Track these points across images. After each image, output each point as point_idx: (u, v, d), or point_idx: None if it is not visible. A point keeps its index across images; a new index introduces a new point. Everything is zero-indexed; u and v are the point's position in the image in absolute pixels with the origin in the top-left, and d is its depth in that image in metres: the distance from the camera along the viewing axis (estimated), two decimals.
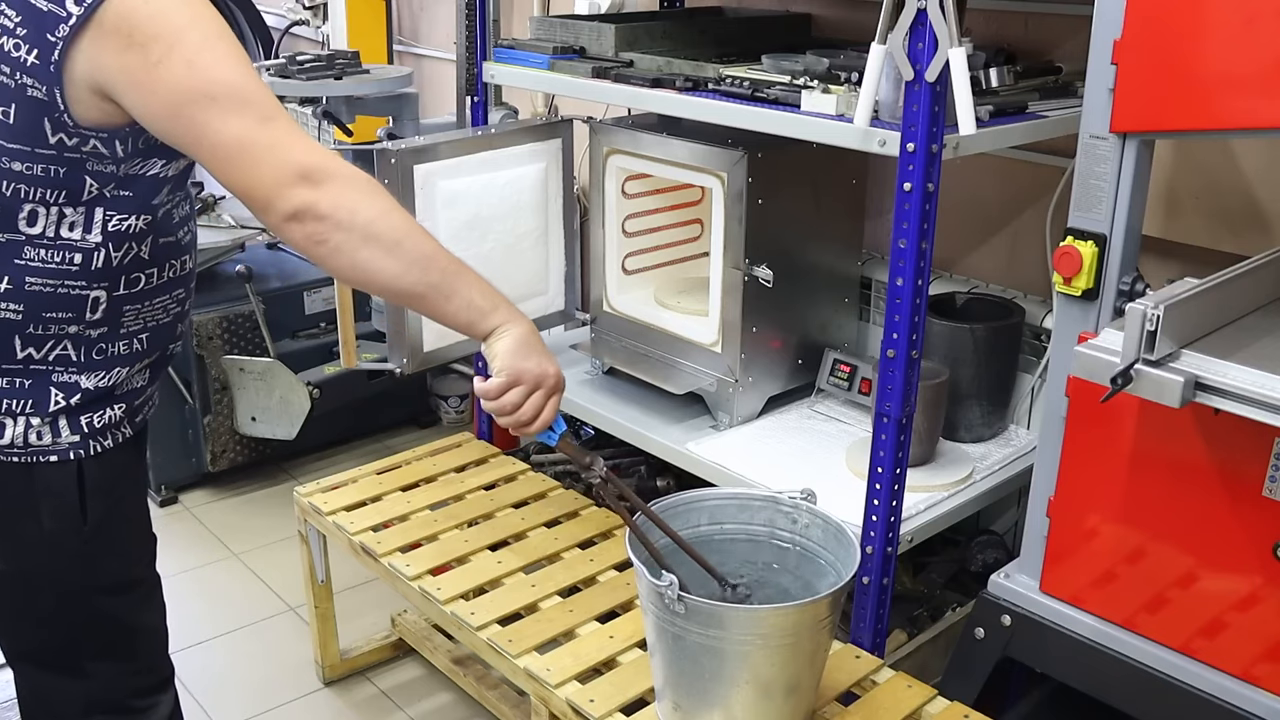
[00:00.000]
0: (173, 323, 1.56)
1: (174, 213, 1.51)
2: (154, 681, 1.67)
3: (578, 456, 1.64)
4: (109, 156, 1.36)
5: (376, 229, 1.36)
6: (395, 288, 1.41)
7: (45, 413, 1.43)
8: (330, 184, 1.33)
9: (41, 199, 1.36)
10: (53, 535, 1.48)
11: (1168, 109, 1.56)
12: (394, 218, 1.38)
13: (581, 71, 2.33)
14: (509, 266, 2.58)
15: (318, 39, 4.28)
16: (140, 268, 1.47)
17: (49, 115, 1.31)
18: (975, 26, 2.39)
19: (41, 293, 1.39)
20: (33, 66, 1.29)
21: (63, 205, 1.37)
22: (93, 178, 1.37)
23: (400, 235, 1.38)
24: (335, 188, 1.33)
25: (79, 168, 1.36)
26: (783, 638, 1.63)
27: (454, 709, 2.59)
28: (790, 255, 2.34)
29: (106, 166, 1.37)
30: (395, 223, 1.38)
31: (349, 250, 1.35)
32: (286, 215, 1.32)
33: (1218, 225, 2.10)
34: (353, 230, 1.34)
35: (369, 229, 1.35)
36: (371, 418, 3.78)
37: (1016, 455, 2.32)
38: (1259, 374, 1.40)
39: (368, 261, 1.37)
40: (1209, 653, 1.63)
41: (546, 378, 1.51)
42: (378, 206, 1.37)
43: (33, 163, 1.34)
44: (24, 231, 1.37)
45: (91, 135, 1.34)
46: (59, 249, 1.39)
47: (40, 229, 1.37)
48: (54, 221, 1.38)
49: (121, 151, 1.37)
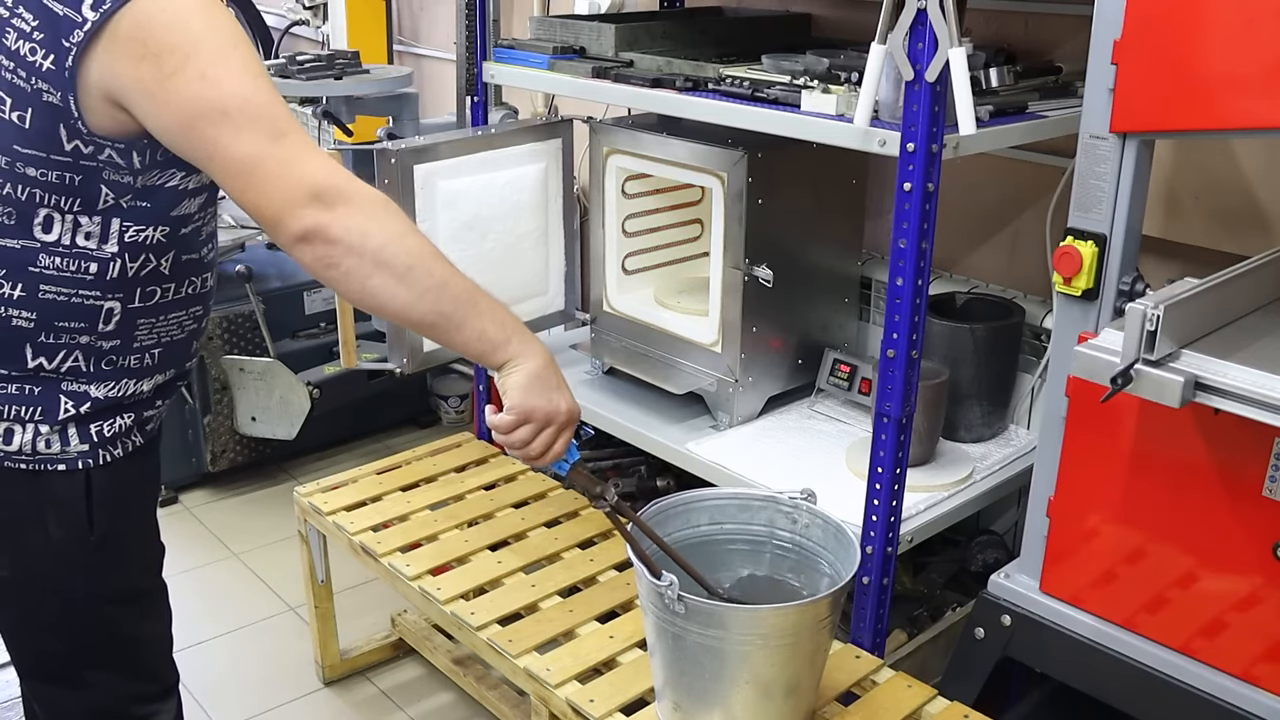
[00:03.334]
0: (187, 339, 1.54)
1: (202, 230, 1.50)
2: (156, 690, 1.65)
3: (589, 486, 1.61)
4: (125, 167, 1.34)
5: (388, 255, 1.32)
6: (406, 315, 1.38)
7: (54, 421, 1.42)
8: (343, 206, 1.29)
9: (57, 205, 1.35)
10: (59, 543, 1.47)
11: (1168, 109, 1.55)
12: (407, 242, 1.34)
13: (581, 71, 2.33)
14: (509, 266, 2.58)
15: (318, 39, 4.28)
16: (158, 281, 1.45)
17: (64, 122, 1.30)
18: (975, 26, 2.39)
19: (55, 301, 1.38)
20: (48, 72, 1.27)
21: (78, 213, 1.35)
22: (109, 187, 1.35)
23: (413, 261, 1.34)
24: (348, 210, 1.30)
25: (95, 176, 1.34)
26: (783, 638, 1.63)
27: (454, 709, 2.59)
28: (790, 255, 2.34)
29: (123, 177, 1.35)
30: (408, 248, 1.34)
31: (359, 276, 1.32)
32: (297, 236, 1.29)
33: (1218, 225, 2.10)
34: (364, 255, 1.31)
35: (380, 254, 1.31)
36: (371, 418, 3.78)
37: (1016, 455, 2.32)
38: (1259, 374, 1.40)
39: (379, 288, 1.33)
40: (1209, 653, 1.63)
41: (558, 415, 1.47)
42: (391, 231, 1.33)
43: (48, 169, 1.32)
44: (39, 239, 1.35)
45: (107, 144, 1.32)
46: (74, 258, 1.37)
47: (56, 236, 1.36)
48: (69, 229, 1.36)
49: (138, 163, 1.35)
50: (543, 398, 1.45)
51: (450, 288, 1.38)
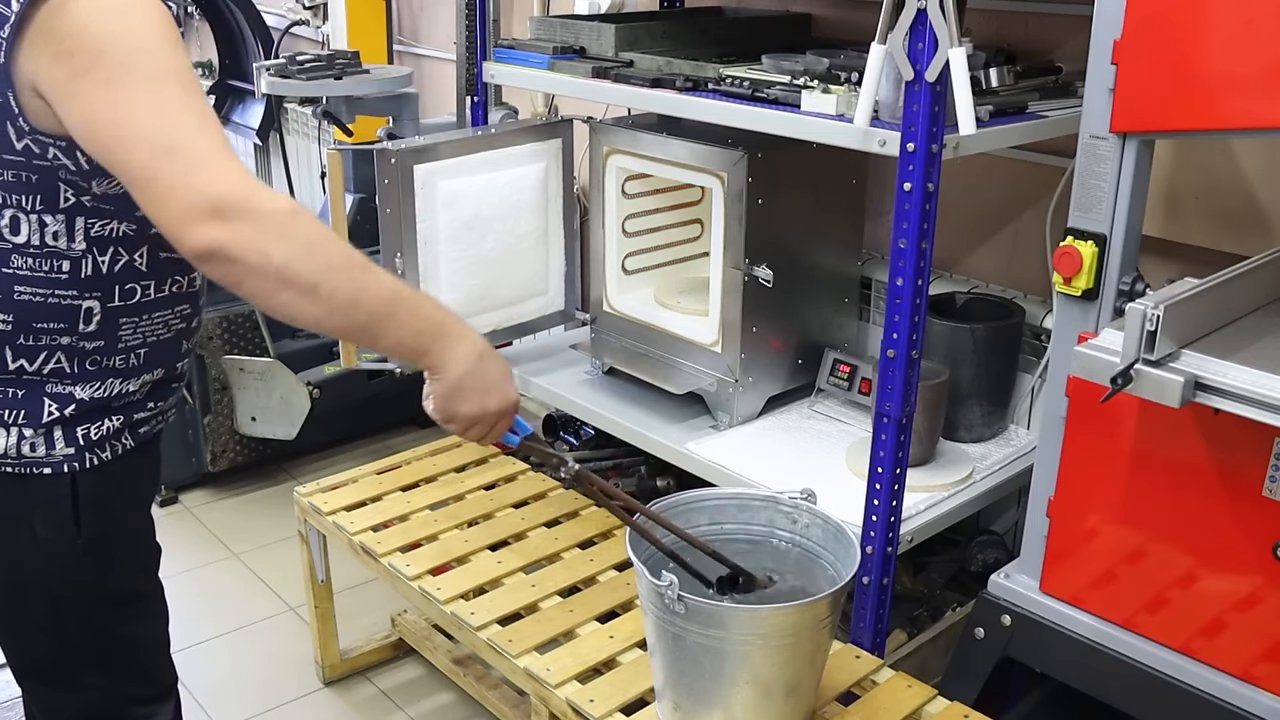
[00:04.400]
0: (175, 339, 1.53)
1: None
2: (153, 691, 1.64)
3: (545, 457, 1.60)
4: (74, 170, 1.32)
5: (291, 273, 1.25)
6: (321, 328, 1.33)
7: (38, 424, 1.41)
8: (240, 222, 1.22)
9: (20, 205, 1.33)
10: (46, 545, 1.46)
11: (1168, 109, 1.55)
12: (313, 258, 1.26)
13: (581, 71, 2.33)
14: (509, 266, 2.58)
15: (318, 39, 4.28)
16: (136, 279, 1.43)
17: (9, 120, 1.28)
18: (975, 26, 2.39)
19: (31, 302, 1.37)
20: None
21: (42, 212, 1.34)
22: (67, 185, 1.33)
23: (318, 279, 1.27)
24: (248, 226, 1.22)
25: (51, 175, 1.32)
26: (783, 638, 1.63)
27: (454, 709, 2.59)
28: (790, 255, 2.34)
29: (79, 180, 1.33)
30: (314, 265, 1.26)
31: (264, 294, 1.26)
32: (196, 254, 1.23)
33: (1218, 225, 2.10)
34: (265, 275, 1.24)
35: (283, 273, 1.24)
36: (371, 418, 3.78)
37: (1016, 455, 2.32)
38: (1259, 374, 1.40)
39: (287, 305, 1.28)
40: (1209, 653, 1.63)
41: (485, 416, 1.46)
42: (295, 247, 1.25)
43: (3, 169, 1.31)
44: (9, 240, 1.34)
45: (49, 143, 1.29)
46: (46, 257, 1.36)
47: (25, 237, 1.34)
48: (36, 229, 1.34)
49: (85, 165, 1.32)
50: (466, 404, 1.44)
51: (362, 302, 1.31)
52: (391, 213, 2.36)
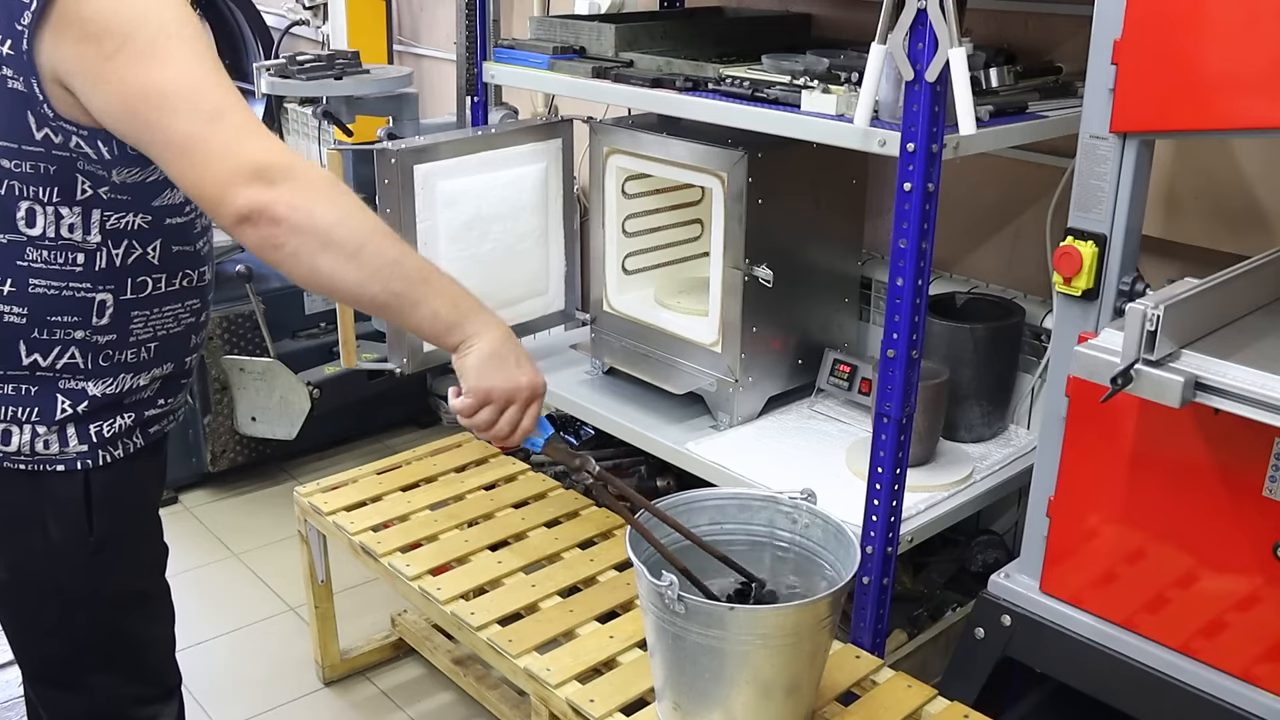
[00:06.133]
0: (184, 333, 1.53)
1: (195, 223, 1.50)
2: (158, 692, 1.65)
3: (567, 459, 1.59)
4: (95, 159, 1.33)
5: (337, 234, 1.27)
6: (357, 296, 1.33)
7: (52, 421, 1.41)
8: (287, 183, 1.24)
9: (36, 197, 1.34)
10: (58, 544, 1.46)
11: (1168, 109, 1.55)
12: (356, 220, 1.30)
13: (581, 71, 2.33)
14: (509, 266, 2.58)
15: (318, 39, 4.28)
16: (148, 271, 1.44)
17: (32, 109, 1.29)
18: (975, 26, 2.39)
19: (46, 295, 1.38)
20: (9, 57, 1.26)
21: (58, 205, 1.35)
22: (85, 177, 1.34)
23: (363, 240, 1.29)
24: (293, 188, 1.24)
25: (69, 166, 1.33)
26: (783, 638, 1.63)
27: (454, 709, 2.59)
28: (790, 255, 2.34)
29: (97, 169, 1.34)
30: (357, 226, 1.29)
31: (307, 256, 1.27)
32: (239, 216, 1.24)
33: (1218, 225, 2.10)
34: (312, 234, 1.25)
35: (329, 234, 1.26)
36: (371, 418, 3.78)
37: (1016, 455, 2.32)
38: (1259, 374, 1.40)
39: (328, 268, 1.28)
40: (1209, 653, 1.63)
41: (519, 392, 1.43)
42: (339, 209, 1.28)
43: (21, 160, 1.32)
44: (24, 232, 1.35)
45: (73, 132, 1.30)
46: (61, 249, 1.37)
47: (40, 229, 1.35)
48: (52, 222, 1.35)
49: (107, 154, 1.33)
50: (500, 376, 1.42)
51: (403, 266, 1.33)
52: (391, 213, 2.36)
